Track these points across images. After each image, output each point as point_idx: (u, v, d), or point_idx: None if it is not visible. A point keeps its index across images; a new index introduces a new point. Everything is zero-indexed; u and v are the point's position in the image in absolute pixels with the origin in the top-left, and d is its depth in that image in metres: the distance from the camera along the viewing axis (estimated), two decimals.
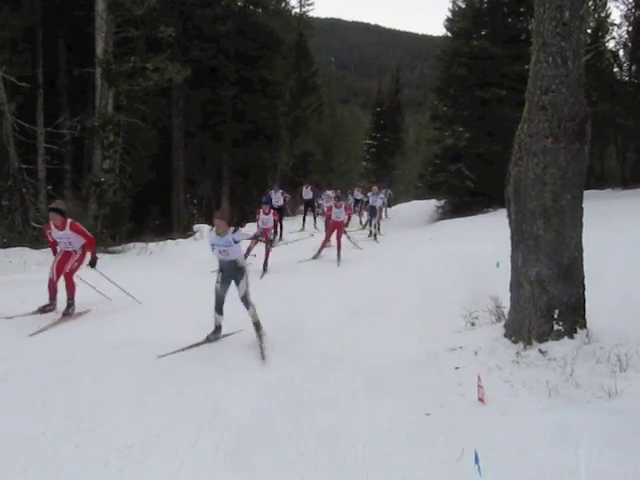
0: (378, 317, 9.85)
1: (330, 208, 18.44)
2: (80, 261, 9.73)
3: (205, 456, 5.18)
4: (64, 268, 9.55)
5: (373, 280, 13.14)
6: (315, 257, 16.93)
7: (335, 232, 17.34)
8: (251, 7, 35.16)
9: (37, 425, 5.51)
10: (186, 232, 23.26)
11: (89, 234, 9.75)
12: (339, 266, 15.90)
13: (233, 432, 5.61)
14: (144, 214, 25.62)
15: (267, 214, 15.92)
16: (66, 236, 9.46)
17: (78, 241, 9.61)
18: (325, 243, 17.33)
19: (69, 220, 9.47)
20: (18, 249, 15.68)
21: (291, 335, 8.72)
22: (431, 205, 33.50)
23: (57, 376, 6.74)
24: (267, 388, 6.71)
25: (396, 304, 10.63)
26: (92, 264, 9.77)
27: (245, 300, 8.44)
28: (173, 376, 6.97)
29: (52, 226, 9.56)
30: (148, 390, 6.52)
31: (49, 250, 10.62)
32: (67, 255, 9.61)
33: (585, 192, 7.02)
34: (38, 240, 17.42)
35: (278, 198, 22.56)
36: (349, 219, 21.61)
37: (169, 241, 19.63)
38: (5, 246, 15.97)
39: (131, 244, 18.76)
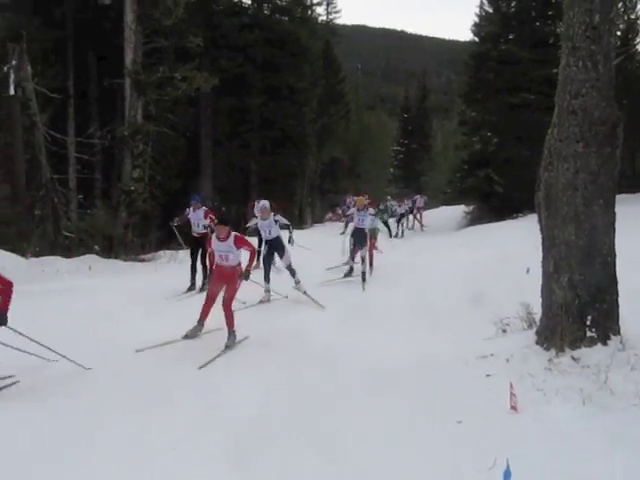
0: (407, 323, 9.83)
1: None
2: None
3: (205, 456, 5.20)
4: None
5: (402, 287, 13.10)
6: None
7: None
8: (278, 15, 35.30)
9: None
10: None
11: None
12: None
13: (233, 432, 5.64)
14: None
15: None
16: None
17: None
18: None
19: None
20: (50, 258, 15.88)
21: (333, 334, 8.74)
22: (460, 211, 33.34)
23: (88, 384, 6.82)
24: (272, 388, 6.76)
25: (424, 310, 10.60)
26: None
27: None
28: (175, 375, 7.07)
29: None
30: (150, 389, 6.66)
31: (81, 258, 10.63)
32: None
33: (617, 196, 6.94)
34: (70, 249, 17.66)
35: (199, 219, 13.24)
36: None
37: None
38: (37, 255, 16.18)
39: (160, 252, 18.91)
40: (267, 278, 11.91)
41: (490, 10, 31.52)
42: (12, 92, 18.11)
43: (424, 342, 8.52)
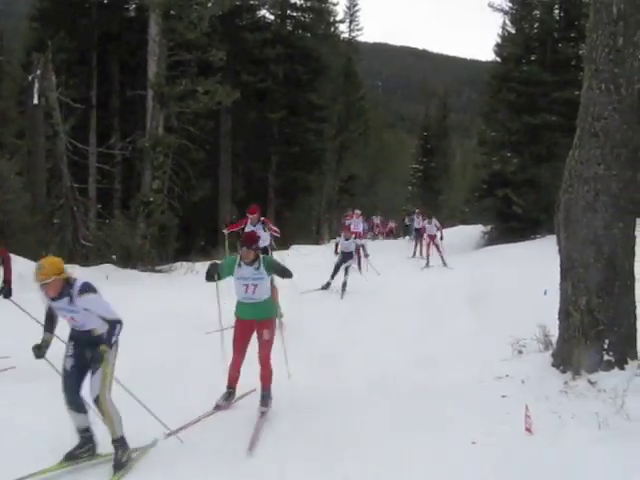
0: (424, 341, 9.80)
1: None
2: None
3: (205, 456, 5.19)
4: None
5: (416, 305, 13.06)
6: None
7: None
8: (300, 31, 35.55)
9: None
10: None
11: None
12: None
13: (233, 431, 5.64)
14: (191, 234, 25.94)
15: None
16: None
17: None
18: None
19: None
20: (68, 266, 15.92)
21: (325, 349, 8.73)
22: (477, 230, 33.16)
23: None
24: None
25: (440, 330, 10.56)
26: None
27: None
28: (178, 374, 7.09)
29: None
30: (153, 388, 6.62)
31: (99, 267, 10.59)
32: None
33: (638, 220, 6.90)
34: (87, 258, 17.77)
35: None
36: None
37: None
38: None
39: (178, 264, 18.99)
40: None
41: (512, 31, 31.49)
42: (36, 101, 18.34)
43: (439, 362, 8.49)
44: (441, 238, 22.95)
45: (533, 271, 13.18)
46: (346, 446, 5.74)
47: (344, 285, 15.02)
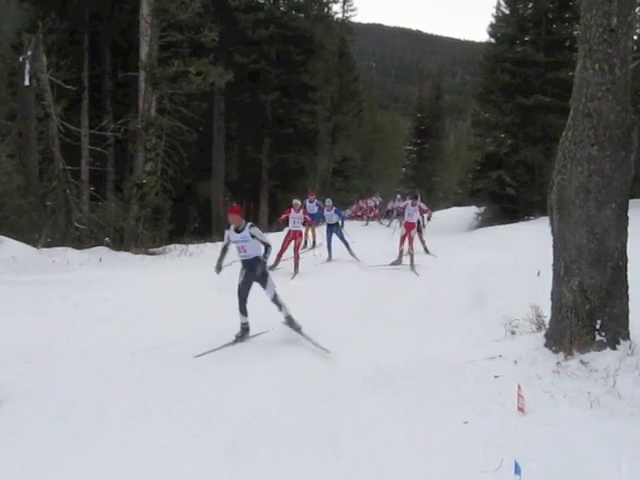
0: (417, 323, 9.82)
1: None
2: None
3: (205, 456, 5.21)
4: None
5: (409, 286, 13.09)
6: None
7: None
8: (293, 12, 35.33)
9: None
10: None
11: None
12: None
13: (232, 431, 5.65)
14: (184, 216, 25.90)
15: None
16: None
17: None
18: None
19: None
20: (61, 249, 15.96)
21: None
22: (471, 212, 33.22)
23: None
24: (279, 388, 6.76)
25: (433, 310, 10.60)
26: None
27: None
28: (181, 376, 7.11)
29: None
30: (152, 391, 6.64)
31: (92, 250, 10.72)
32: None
33: (630, 201, 6.91)
34: (80, 240, 17.74)
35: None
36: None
37: (208, 244, 19.82)
38: (48, 246, 16.26)
39: (172, 246, 18.99)
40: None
41: (507, 11, 31.41)
42: (27, 83, 18.20)
43: (432, 342, 8.52)
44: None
45: (526, 252, 13.22)
46: (340, 431, 5.76)
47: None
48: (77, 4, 24.82)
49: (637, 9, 9.05)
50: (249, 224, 8.58)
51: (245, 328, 8.73)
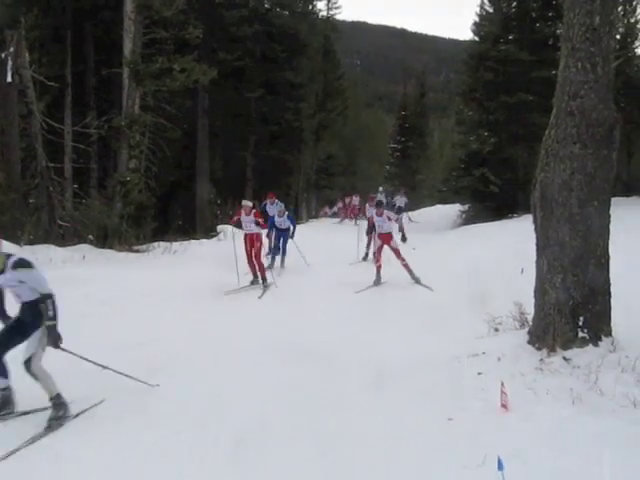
0: (399, 321, 9.85)
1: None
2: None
3: (206, 456, 5.20)
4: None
5: (393, 284, 13.10)
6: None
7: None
8: (278, 9, 35.20)
9: None
10: (209, 233, 23.30)
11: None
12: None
13: (233, 432, 5.64)
14: (168, 214, 25.79)
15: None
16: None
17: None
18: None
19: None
20: (44, 246, 15.83)
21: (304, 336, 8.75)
22: (455, 210, 33.33)
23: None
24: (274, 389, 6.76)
25: (418, 309, 10.62)
26: None
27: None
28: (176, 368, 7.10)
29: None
30: (139, 389, 6.61)
31: (75, 248, 10.60)
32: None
33: (612, 199, 6.96)
34: (64, 238, 17.61)
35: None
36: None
37: (192, 241, 19.74)
38: (31, 243, 16.13)
39: (155, 243, 18.89)
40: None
41: (490, 10, 31.49)
42: (9, 79, 18.00)
43: (416, 340, 8.55)
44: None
45: (510, 250, 13.27)
46: (328, 426, 5.77)
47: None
48: (60, 0, 24.63)
49: (619, 8, 9.11)
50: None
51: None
